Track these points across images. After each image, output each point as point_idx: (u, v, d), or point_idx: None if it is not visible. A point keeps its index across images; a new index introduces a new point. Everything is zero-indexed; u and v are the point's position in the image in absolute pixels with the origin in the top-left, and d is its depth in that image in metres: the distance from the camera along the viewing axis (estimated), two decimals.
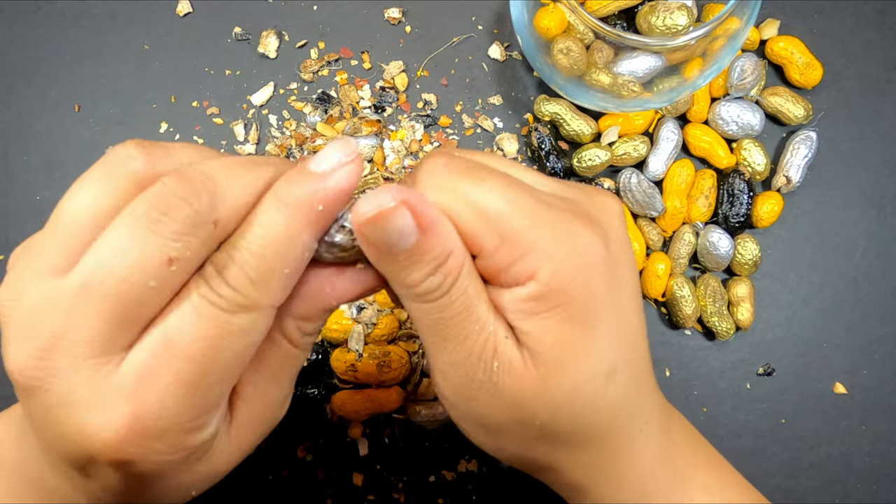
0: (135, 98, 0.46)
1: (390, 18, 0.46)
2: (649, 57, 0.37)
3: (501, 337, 0.25)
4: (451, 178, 0.24)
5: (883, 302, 0.44)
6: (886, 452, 0.43)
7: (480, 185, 0.24)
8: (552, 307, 0.24)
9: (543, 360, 0.24)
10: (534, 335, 0.24)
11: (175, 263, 0.21)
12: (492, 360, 0.25)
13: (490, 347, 0.25)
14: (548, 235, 0.24)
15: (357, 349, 0.42)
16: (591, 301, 0.24)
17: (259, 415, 0.26)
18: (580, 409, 0.25)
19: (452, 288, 0.24)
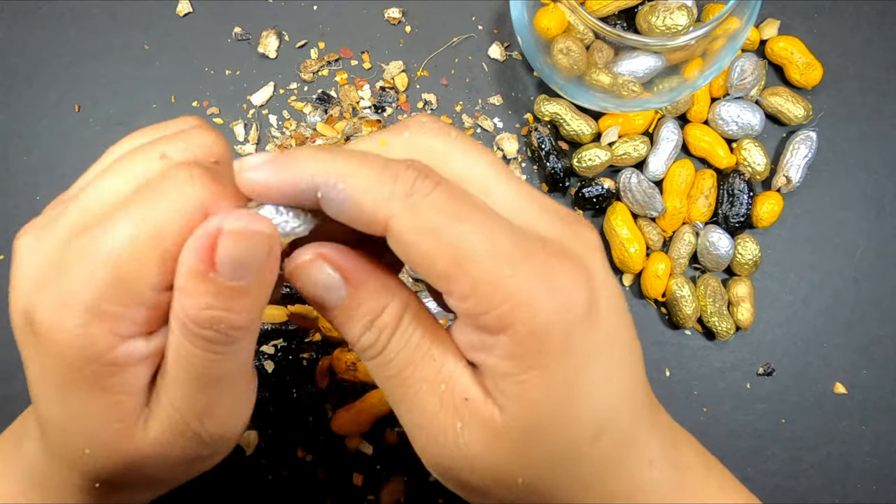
0: (135, 98, 0.46)
1: (390, 18, 0.46)
2: (649, 57, 0.37)
3: (461, 397, 0.22)
4: (430, 210, 0.21)
5: (883, 302, 0.44)
6: (886, 452, 0.43)
7: (459, 223, 0.21)
8: (529, 369, 0.22)
9: (519, 426, 0.22)
10: (509, 397, 0.22)
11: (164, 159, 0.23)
12: (453, 421, 0.23)
13: (448, 407, 0.23)
14: (527, 285, 0.21)
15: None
16: (574, 359, 0.22)
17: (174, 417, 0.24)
18: (564, 470, 0.23)
19: (390, 343, 0.23)
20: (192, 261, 0.21)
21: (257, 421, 0.42)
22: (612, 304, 0.23)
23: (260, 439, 0.42)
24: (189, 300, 0.21)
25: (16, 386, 0.42)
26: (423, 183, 0.21)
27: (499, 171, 0.24)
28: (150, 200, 0.22)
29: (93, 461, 0.24)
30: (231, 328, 0.22)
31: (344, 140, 0.44)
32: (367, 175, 0.21)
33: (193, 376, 0.23)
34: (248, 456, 0.41)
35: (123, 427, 0.23)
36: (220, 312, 0.21)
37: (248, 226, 0.21)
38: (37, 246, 0.23)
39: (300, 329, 0.42)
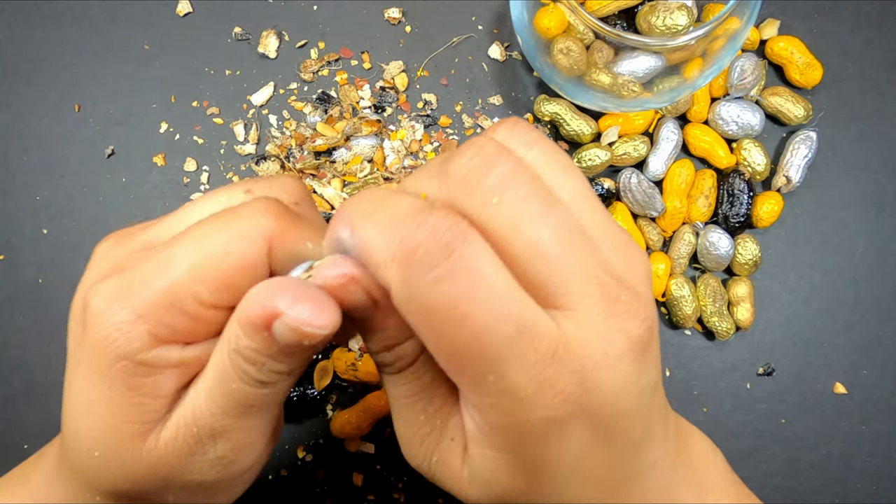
0: (135, 98, 0.46)
1: (390, 18, 0.46)
2: (649, 57, 0.37)
3: (447, 438, 0.24)
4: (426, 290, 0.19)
5: (883, 302, 0.44)
6: (886, 452, 0.43)
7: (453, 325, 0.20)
8: (498, 451, 0.22)
9: (479, 483, 0.23)
10: (477, 461, 0.23)
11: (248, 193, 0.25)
12: (431, 454, 0.24)
13: (433, 441, 0.24)
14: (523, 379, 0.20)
15: (357, 349, 0.42)
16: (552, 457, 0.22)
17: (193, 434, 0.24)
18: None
19: (405, 372, 0.23)
20: (248, 321, 0.21)
21: None
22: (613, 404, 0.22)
23: None
24: (241, 335, 0.22)
25: (16, 386, 0.42)
26: (428, 254, 0.19)
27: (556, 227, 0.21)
28: (220, 222, 0.23)
29: (100, 465, 0.24)
30: (273, 372, 0.23)
31: (344, 140, 0.44)
32: (375, 230, 0.20)
33: (225, 397, 0.23)
34: None
35: (139, 429, 0.23)
36: (265, 358, 0.22)
37: (304, 326, 0.21)
38: (112, 251, 0.25)
39: None
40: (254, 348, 0.22)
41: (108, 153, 0.45)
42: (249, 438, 0.24)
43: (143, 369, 0.23)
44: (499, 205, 0.20)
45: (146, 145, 0.45)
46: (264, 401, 0.24)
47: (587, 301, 0.21)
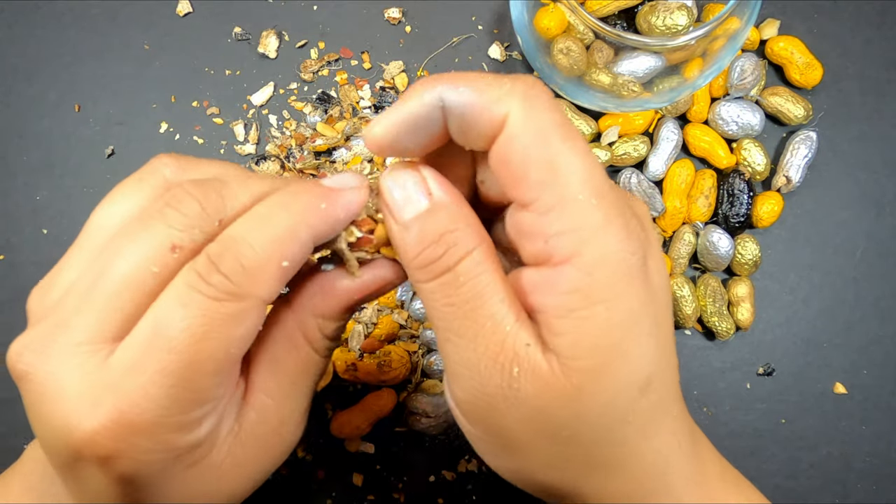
0: (135, 98, 0.46)
1: (390, 18, 0.46)
2: (649, 57, 0.37)
3: (522, 342, 0.22)
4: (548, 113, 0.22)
5: (883, 302, 0.44)
6: (886, 452, 0.43)
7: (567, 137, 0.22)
8: (594, 304, 0.22)
9: (577, 368, 0.22)
10: (570, 337, 0.22)
11: (177, 251, 0.22)
12: (511, 364, 0.22)
13: (509, 350, 0.22)
14: (606, 220, 0.22)
15: (357, 349, 0.42)
16: (633, 302, 0.22)
17: (272, 430, 0.25)
18: (611, 422, 0.23)
19: (458, 266, 0.23)
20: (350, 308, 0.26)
21: None
22: (661, 269, 0.24)
23: None
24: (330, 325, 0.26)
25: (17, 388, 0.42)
26: (539, 89, 0.23)
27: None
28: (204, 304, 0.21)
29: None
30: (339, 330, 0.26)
31: (344, 140, 0.44)
32: (486, 78, 0.23)
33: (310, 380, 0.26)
34: None
35: (219, 476, 0.24)
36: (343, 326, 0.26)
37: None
38: (53, 367, 0.22)
39: None
40: (340, 325, 0.26)
41: (108, 153, 0.45)
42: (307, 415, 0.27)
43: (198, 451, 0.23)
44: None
45: (146, 145, 0.45)
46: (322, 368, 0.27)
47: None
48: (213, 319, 0.21)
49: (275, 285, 0.22)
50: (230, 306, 0.21)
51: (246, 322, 0.22)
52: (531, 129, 0.22)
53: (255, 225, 0.22)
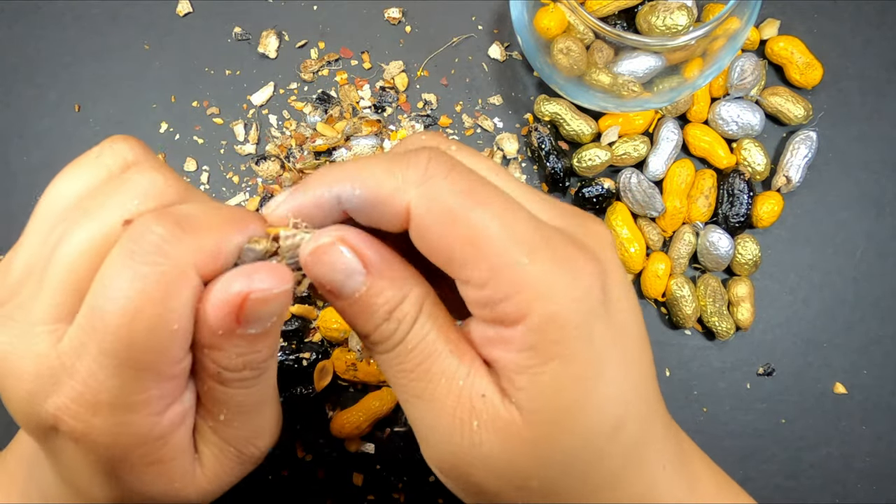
0: (135, 98, 0.46)
1: (390, 18, 0.46)
2: (649, 57, 0.37)
3: (478, 394, 0.22)
4: (447, 192, 0.21)
5: (883, 302, 0.44)
6: (886, 452, 0.43)
7: (477, 205, 0.21)
8: (548, 359, 0.21)
9: (538, 420, 0.21)
10: (528, 392, 0.21)
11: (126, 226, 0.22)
12: (469, 418, 0.22)
13: (465, 404, 0.22)
14: (545, 274, 0.21)
15: (357, 349, 0.42)
16: (592, 350, 0.21)
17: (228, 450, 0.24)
18: (582, 469, 0.22)
19: (409, 335, 0.22)
20: (219, 324, 0.21)
21: None
22: (625, 300, 0.23)
23: None
24: (221, 354, 0.22)
25: None
26: (437, 166, 0.21)
27: (499, 173, 0.24)
28: (137, 280, 0.20)
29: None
30: (260, 363, 0.23)
31: (344, 140, 0.44)
32: (379, 169, 0.22)
33: (238, 412, 0.23)
34: None
35: (184, 482, 0.23)
36: (250, 356, 0.22)
37: (273, 289, 0.21)
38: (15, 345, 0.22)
39: (300, 329, 0.42)
40: (236, 354, 0.22)
41: None
42: (275, 418, 0.25)
43: (158, 443, 0.22)
44: (458, 151, 0.24)
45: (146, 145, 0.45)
46: (266, 390, 0.24)
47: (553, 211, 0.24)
48: (145, 292, 0.20)
49: (209, 247, 0.21)
50: (161, 274, 0.20)
51: (183, 292, 0.21)
52: (436, 214, 0.21)
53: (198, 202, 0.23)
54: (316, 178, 0.22)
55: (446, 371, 0.22)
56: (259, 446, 0.25)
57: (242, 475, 0.26)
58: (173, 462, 0.23)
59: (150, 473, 0.23)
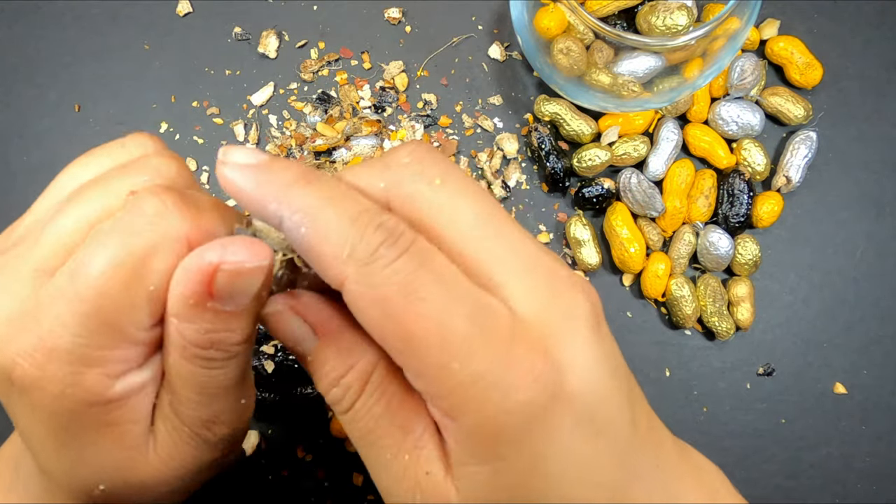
0: (135, 98, 0.46)
1: (390, 18, 0.46)
2: (649, 57, 0.37)
3: (422, 471, 0.21)
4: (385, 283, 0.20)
5: (883, 302, 0.44)
6: (886, 452, 0.42)
7: (413, 302, 0.20)
8: (483, 462, 0.20)
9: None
10: (465, 483, 0.21)
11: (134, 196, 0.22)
12: (413, 491, 0.22)
13: (410, 477, 0.22)
14: (478, 378, 0.20)
15: None
16: (533, 450, 0.20)
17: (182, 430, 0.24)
18: None
19: (355, 405, 0.22)
20: (190, 292, 0.21)
21: (257, 421, 0.42)
22: (588, 382, 0.21)
23: (260, 439, 0.42)
24: (188, 326, 0.21)
25: None
26: (387, 250, 0.20)
27: (488, 221, 0.22)
28: (127, 236, 0.21)
29: (107, 495, 0.24)
30: (230, 345, 0.22)
31: (344, 140, 0.44)
32: (334, 222, 0.20)
33: (198, 392, 0.23)
34: (248, 456, 0.41)
35: (134, 454, 0.23)
36: (219, 335, 0.22)
37: (246, 262, 0.20)
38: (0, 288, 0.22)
39: None
40: (205, 329, 0.21)
41: None
42: (239, 410, 0.24)
43: (110, 406, 0.22)
44: (441, 186, 0.21)
45: None
46: (232, 376, 0.23)
47: (528, 282, 0.21)
48: (131, 249, 0.21)
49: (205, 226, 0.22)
50: (151, 236, 0.21)
51: (168, 257, 0.21)
52: (368, 301, 0.20)
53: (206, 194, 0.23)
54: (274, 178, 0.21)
55: (392, 446, 0.22)
56: (215, 432, 0.24)
57: (198, 464, 0.25)
58: (124, 428, 0.23)
59: (100, 438, 0.22)
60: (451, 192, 0.22)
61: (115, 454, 0.23)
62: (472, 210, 0.22)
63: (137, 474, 0.23)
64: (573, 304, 0.21)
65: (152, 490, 0.24)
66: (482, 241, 0.21)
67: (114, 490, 0.24)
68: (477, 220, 0.22)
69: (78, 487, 0.24)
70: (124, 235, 0.21)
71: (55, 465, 0.23)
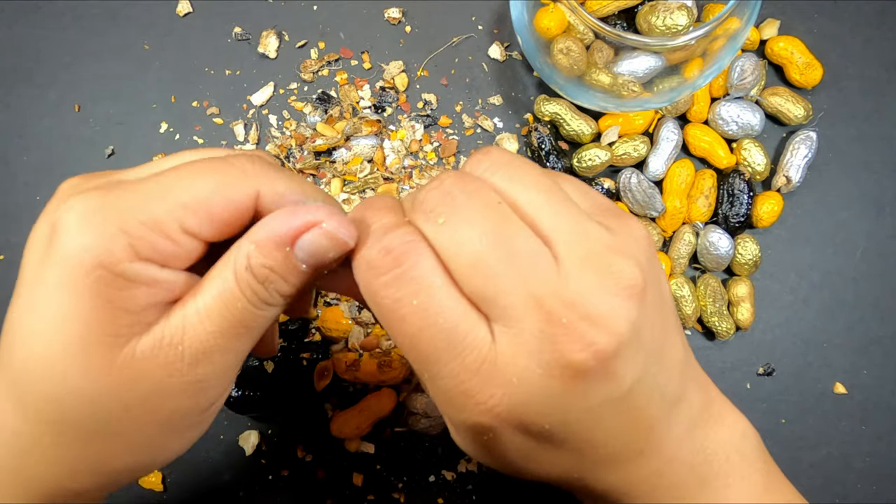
0: (135, 98, 0.46)
1: (390, 18, 0.46)
2: (649, 57, 0.37)
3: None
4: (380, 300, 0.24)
5: (883, 302, 0.44)
6: (886, 452, 0.43)
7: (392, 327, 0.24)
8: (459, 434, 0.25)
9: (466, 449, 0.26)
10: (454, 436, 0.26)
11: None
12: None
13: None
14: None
15: (358, 349, 0.42)
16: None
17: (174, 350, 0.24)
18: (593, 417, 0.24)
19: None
20: (284, 230, 0.23)
21: (258, 421, 0.42)
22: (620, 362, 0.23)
23: (260, 439, 0.42)
24: (257, 253, 0.23)
25: None
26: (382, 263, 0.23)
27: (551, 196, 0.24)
28: (213, 163, 0.24)
29: (56, 381, 0.23)
30: (277, 292, 0.24)
31: (344, 140, 0.44)
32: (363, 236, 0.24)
33: (226, 317, 0.24)
34: (248, 456, 0.41)
35: (111, 342, 0.23)
36: (276, 276, 0.24)
37: (341, 234, 0.23)
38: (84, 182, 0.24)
39: (300, 329, 0.42)
40: (269, 265, 0.23)
41: (108, 153, 0.45)
42: (229, 364, 0.25)
43: (120, 281, 0.22)
44: (444, 224, 0.23)
45: (146, 145, 0.45)
46: (260, 323, 0.24)
47: (525, 320, 0.22)
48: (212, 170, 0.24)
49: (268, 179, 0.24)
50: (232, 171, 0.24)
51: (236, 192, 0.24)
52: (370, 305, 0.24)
53: None
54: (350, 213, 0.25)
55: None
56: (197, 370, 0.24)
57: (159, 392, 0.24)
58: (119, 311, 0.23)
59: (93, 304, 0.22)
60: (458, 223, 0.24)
61: (92, 330, 0.22)
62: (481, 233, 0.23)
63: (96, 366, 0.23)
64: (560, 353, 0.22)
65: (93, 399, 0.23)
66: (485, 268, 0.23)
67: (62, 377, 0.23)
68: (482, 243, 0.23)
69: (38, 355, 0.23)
70: (210, 164, 0.24)
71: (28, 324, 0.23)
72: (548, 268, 0.22)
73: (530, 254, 0.22)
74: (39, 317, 0.23)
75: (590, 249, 0.23)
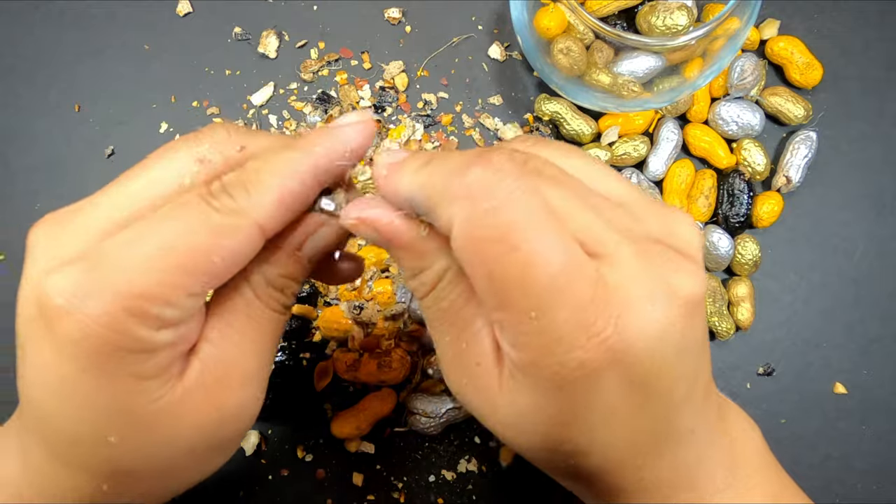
0: (135, 98, 0.46)
1: (390, 18, 0.46)
2: (649, 57, 0.37)
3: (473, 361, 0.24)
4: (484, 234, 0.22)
5: (883, 302, 0.44)
6: (886, 452, 0.42)
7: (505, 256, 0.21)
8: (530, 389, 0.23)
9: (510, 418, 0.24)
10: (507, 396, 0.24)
11: (202, 164, 0.24)
12: (463, 376, 0.25)
13: (463, 364, 0.25)
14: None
15: (357, 349, 0.42)
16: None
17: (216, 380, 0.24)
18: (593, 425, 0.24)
19: (426, 298, 0.25)
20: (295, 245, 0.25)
21: (257, 421, 0.42)
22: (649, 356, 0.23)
23: (260, 439, 0.42)
24: (273, 269, 0.25)
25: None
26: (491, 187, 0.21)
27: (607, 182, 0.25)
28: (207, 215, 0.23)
29: (116, 449, 0.23)
30: (292, 293, 0.26)
31: None
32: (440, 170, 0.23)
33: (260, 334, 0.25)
34: (248, 456, 0.41)
35: (153, 406, 0.23)
36: (290, 282, 0.26)
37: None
38: (59, 235, 0.24)
39: (300, 329, 0.42)
40: (284, 274, 0.25)
41: (108, 153, 0.45)
42: (265, 377, 0.26)
43: (138, 356, 0.22)
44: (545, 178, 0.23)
45: (146, 145, 0.45)
46: (283, 326, 0.27)
47: (626, 253, 0.22)
48: (207, 220, 0.22)
49: (271, 212, 0.23)
50: (226, 218, 0.23)
51: (237, 236, 0.23)
52: (471, 241, 0.22)
53: (263, 158, 0.24)
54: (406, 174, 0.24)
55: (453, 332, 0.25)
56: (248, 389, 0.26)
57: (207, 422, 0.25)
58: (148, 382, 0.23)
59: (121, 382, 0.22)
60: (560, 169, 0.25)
61: (135, 402, 0.23)
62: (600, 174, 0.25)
63: (144, 428, 0.23)
64: (669, 283, 0.23)
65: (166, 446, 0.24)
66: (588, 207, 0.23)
67: (124, 443, 0.23)
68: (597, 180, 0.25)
69: (83, 441, 0.23)
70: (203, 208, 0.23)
71: (59, 410, 0.23)
72: (637, 219, 0.24)
73: (617, 206, 0.24)
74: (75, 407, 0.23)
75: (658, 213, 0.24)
